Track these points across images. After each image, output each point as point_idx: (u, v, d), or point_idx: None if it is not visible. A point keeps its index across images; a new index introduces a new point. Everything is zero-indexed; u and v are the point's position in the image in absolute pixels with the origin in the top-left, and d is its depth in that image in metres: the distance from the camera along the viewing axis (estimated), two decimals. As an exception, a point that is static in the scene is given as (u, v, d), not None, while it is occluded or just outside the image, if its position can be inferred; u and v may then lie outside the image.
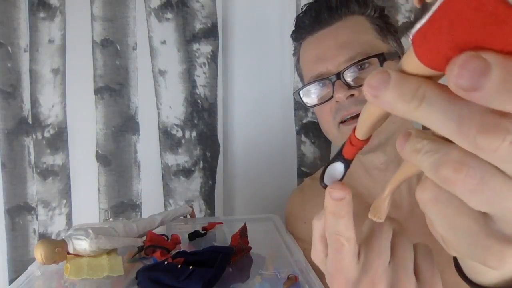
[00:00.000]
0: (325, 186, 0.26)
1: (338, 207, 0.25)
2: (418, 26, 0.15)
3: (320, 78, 0.61)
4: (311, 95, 0.64)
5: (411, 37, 0.16)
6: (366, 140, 0.25)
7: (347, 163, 0.26)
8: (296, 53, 0.71)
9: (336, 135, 0.63)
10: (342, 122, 0.60)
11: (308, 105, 0.65)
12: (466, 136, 0.14)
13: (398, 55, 0.63)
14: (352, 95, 0.58)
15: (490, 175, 0.15)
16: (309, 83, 0.63)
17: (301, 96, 0.65)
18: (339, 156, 0.26)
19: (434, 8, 0.15)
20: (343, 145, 0.26)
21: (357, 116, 0.57)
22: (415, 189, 0.20)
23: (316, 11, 0.63)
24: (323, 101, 0.62)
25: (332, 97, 0.59)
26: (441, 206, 0.17)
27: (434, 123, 0.15)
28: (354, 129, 0.24)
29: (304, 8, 0.66)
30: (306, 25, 0.65)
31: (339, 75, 0.58)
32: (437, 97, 0.15)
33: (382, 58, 0.58)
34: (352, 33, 0.60)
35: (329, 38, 0.61)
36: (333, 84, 0.59)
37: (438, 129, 0.16)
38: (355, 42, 0.59)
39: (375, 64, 0.58)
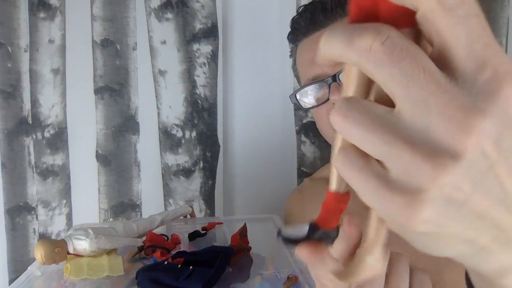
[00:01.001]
0: (284, 240, 0.24)
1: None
2: None
3: (316, 80, 0.61)
4: (307, 97, 0.64)
5: None
6: (348, 193, 0.22)
7: (315, 228, 0.23)
8: (293, 54, 0.71)
9: (333, 136, 0.62)
10: None
11: (305, 107, 0.65)
12: (350, 45, 0.17)
13: None
14: None
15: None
16: (305, 85, 0.63)
17: (298, 98, 0.65)
18: (329, 233, 0.23)
19: None
20: (316, 224, 0.23)
21: None
22: None
23: (311, 13, 0.63)
24: (319, 103, 0.62)
25: (328, 99, 0.60)
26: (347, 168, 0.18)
27: (334, 47, 0.18)
28: (328, 193, 0.22)
29: (300, 10, 0.67)
30: (301, 27, 0.65)
31: (335, 77, 0.58)
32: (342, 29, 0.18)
33: None
34: None
35: None
36: (329, 86, 0.59)
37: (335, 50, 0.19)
38: None
39: None
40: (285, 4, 1.00)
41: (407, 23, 0.17)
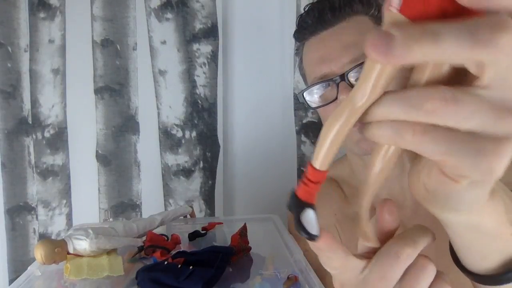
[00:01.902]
0: (316, 237, 0.24)
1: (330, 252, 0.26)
2: None
3: (324, 79, 0.60)
4: (314, 96, 0.63)
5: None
6: (325, 172, 0.23)
7: (312, 206, 0.24)
8: (299, 53, 0.70)
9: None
10: None
11: (312, 106, 0.64)
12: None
13: None
14: None
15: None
16: (313, 84, 0.62)
17: (305, 97, 0.64)
18: (301, 205, 0.24)
19: None
20: (295, 193, 0.24)
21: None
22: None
23: (319, 11, 0.62)
24: (327, 102, 0.61)
25: (336, 98, 0.59)
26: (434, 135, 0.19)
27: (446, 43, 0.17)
28: (310, 165, 0.23)
29: (307, 8, 0.66)
30: (308, 25, 0.64)
31: (343, 76, 0.58)
32: (441, 27, 0.17)
33: None
34: (356, 34, 0.59)
35: (332, 39, 0.61)
36: (337, 85, 0.58)
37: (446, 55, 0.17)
38: (359, 43, 0.58)
39: None
40: (285, 4, 1.01)
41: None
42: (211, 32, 1.01)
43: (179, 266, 0.52)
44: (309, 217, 0.24)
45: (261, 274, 0.53)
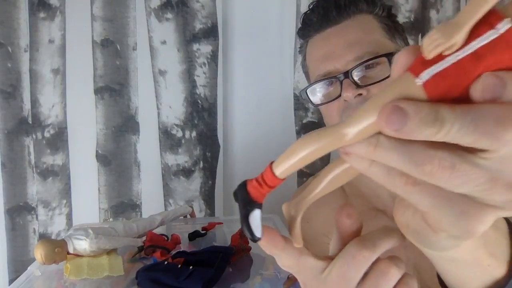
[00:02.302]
0: (258, 239, 0.24)
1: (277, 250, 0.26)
2: (438, 68, 0.17)
3: (328, 77, 0.59)
4: (317, 94, 0.62)
5: (427, 77, 0.18)
6: (283, 180, 0.23)
7: (261, 207, 0.24)
8: (303, 50, 0.69)
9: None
10: None
11: (315, 103, 0.63)
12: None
13: None
14: (360, 94, 0.57)
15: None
16: (317, 81, 0.61)
17: (308, 94, 0.63)
18: (252, 204, 0.24)
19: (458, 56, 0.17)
20: (247, 188, 0.24)
21: None
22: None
23: (324, 9, 0.62)
24: (330, 99, 0.60)
25: (339, 95, 0.58)
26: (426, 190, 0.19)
27: (451, 132, 0.18)
28: (270, 168, 0.23)
29: (312, 6, 0.65)
30: (313, 22, 0.63)
31: (347, 74, 0.57)
32: (452, 113, 0.18)
33: (391, 57, 0.57)
34: (360, 32, 0.59)
35: (337, 37, 0.60)
36: (341, 82, 0.57)
37: (453, 135, 0.18)
38: (363, 41, 0.58)
39: (383, 64, 0.57)
40: (285, 4, 1.00)
41: None
42: (211, 32, 1.01)
43: (179, 266, 0.52)
44: (256, 218, 0.24)
45: (261, 274, 0.53)
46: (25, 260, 1.03)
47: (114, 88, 1.02)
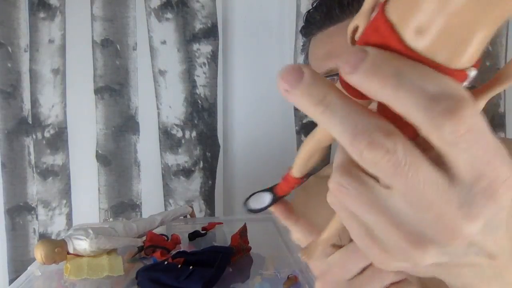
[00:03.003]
0: (249, 211, 0.26)
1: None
2: None
3: (330, 75, 0.59)
4: None
5: None
6: (301, 179, 0.26)
7: (276, 199, 0.27)
8: (305, 49, 0.69)
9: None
10: None
11: None
12: (356, 149, 0.17)
13: None
14: None
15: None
16: None
17: None
18: (271, 189, 0.27)
19: None
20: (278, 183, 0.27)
21: None
22: None
23: (328, 7, 0.61)
24: None
25: None
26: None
27: (332, 131, 0.18)
28: (290, 168, 0.26)
29: (315, 4, 0.65)
30: (316, 20, 0.63)
31: None
32: (340, 108, 0.17)
33: None
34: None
35: (340, 35, 0.59)
36: None
37: (336, 136, 0.18)
38: None
39: None
40: (285, 4, 1.00)
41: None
42: (211, 32, 1.01)
43: (179, 266, 0.52)
44: (261, 196, 0.27)
45: (261, 274, 0.53)
46: (25, 260, 1.03)
47: (114, 88, 1.02)
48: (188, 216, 0.83)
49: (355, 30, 0.21)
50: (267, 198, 0.27)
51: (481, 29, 0.15)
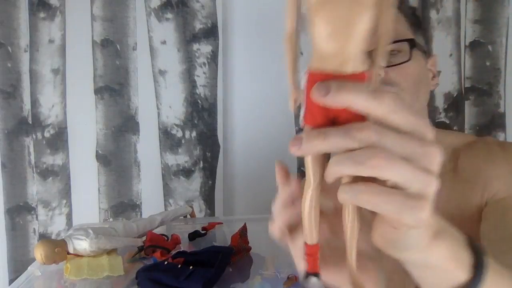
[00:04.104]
0: None
1: None
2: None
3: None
4: None
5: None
6: (317, 245, 0.29)
7: (317, 275, 0.29)
8: None
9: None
10: None
11: None
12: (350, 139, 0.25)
13: (423, 49, 0.65)
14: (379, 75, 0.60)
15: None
16: None
17: None
18: (308, 274, 0.29)
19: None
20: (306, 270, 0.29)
21: None
22: None
23: None
24: None
25: None
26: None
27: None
28: (304, 244, 0.29)
29: None
30: None
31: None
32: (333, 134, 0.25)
33: (412, 43, 0.60)
34: None
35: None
36: None
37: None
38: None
39: (404, 51, 0.60)
40: (285, 4, 1.00)
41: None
42: (211, 32, 1.01)
43: (179, 266, 0.52)
44: (313, 282, 0.29)
45: (261, 274, 0.53)
46: (25, 260, 1.03)
47: (114, 88, 1.02)
48: (188, 216, 0.83)
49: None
50: (315, 280, 0.29)
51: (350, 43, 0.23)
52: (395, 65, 0.58)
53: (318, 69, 0.25)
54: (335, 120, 0.25)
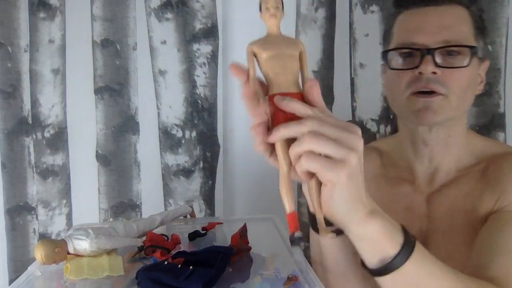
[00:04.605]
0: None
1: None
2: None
3: (413, 47, 0.64)
4: (395, 58, 0.67)
5: None
6: (295, 211, 0.41)
7: (300, 233, 0.40)
8: (392, 16, 0.72)
9: (403, 103, 0.66)
10: (414, 93, 0.64)
11: (391, 66, 0.67)
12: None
13: (481, 55, 0.67)
14: (435, 73, 0.62)
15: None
16: (403, 47, 0.66)
17: (387, 57, 0.68)
18: (293, 234, 0.40)
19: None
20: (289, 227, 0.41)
21: (429, 93, 0.63)
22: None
23: None
24: (407, 67, 0.64)
25: (417, 67, 0.63)
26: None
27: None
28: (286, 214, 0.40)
29: None
30: None
31: (431, 51, 0.62)
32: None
33: (474, 51, 0.63)
34: (455, 20, 0.64)
35: (434, 16, 0.65)
36: (422, 57, 0.62)
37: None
38: (455, 29, 0.64)
39: (464, 55, 0.62)
40: (285, 4, 1.00)
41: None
42: (211, 32, 1.01)
43: (179, 266, 0.52)
44: (297, 236, 0.40)
45: (261, 274, 0.53)
46: (25, 260, 1.03)
47: (114, 88, 1.02)
48: (188, 216, 0.83)
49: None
50: (298, 234, 0.40)
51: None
52: (452, 67, 0.61)
53: (276, 91, 0.41)
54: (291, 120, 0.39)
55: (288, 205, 0.40)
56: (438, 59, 0.62)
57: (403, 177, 0.74)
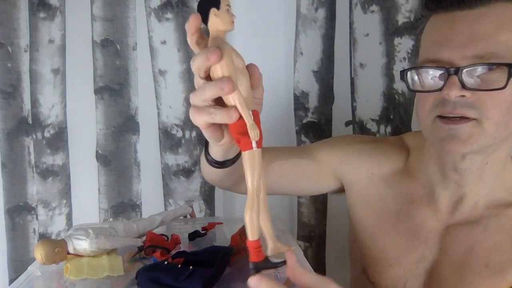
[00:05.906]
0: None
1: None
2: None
3: (437, 66, 0.52)
4: (416, 77, 0.56)
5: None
6: (259, 239, 0.40)
7: (259, 265, 0.40)
8: (423, 21, 0.59)
9: (428, 127, 0.56)
10: (441, 116, 0.53)
11: (411, 88, 0.56)
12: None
13: None
14: (463, 96, 0.50)
15: None
16: (423, 67, 0.54)
17: (407, 76, 0.56)
18: (254, 265, 0.39)
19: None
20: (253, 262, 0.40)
21: (459, 119, 0.51)
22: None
23: None
24: (429, 89, 0.53)
25: (441, 89, 0.51)
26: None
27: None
28: (248, 242, 0.39)
29: None
30: None
31: (457, 70, 0.49)
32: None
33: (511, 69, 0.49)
34: (492, 26, 0.50)
35: (464, 23, 0.51)
36: (448, 77, 0.50)
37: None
38: (491, 38, 0.49)
39: (502, 71, 0.49)
40: (285, 4, 1.00)
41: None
42: (211, 32, 1.01)
43: (179, 266, 0.52)
44: (258, 267, 0.40)
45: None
46: (25, 260, 1.03)
47: (114, 88, 1.02)
48: (188, 216, 0.83)
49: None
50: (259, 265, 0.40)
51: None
52: (485, 90, 0.49)
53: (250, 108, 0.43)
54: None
55: (252, 234, 0.39)
56: (467, 78, 0.49)
57: (421, 195, 0.64)
